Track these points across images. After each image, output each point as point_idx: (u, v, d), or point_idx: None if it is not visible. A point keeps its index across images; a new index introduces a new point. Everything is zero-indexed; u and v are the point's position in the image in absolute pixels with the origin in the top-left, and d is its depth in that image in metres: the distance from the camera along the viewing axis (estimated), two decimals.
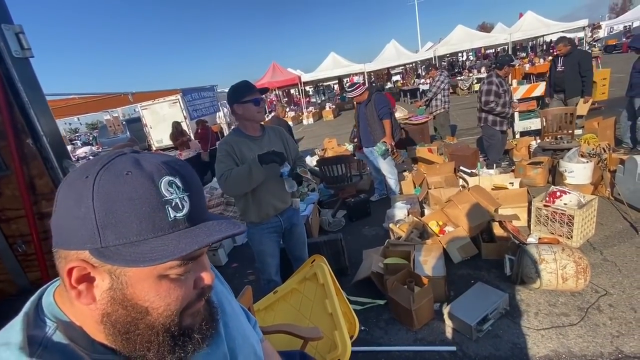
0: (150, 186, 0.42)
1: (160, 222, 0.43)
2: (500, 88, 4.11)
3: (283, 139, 2.12)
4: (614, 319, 2.02)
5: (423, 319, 2.22)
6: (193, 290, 0.49)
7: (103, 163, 0.43)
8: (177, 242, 0.43)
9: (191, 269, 0.48)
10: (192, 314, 0.49)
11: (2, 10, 1.23)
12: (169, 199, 0.43)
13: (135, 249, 0.41)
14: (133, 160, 0.44)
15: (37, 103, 1.28)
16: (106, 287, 0.43)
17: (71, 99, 5.59)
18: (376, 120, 3.93)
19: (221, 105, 9.95)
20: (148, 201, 0.42)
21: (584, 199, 2.84)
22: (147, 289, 0.44)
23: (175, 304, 0.46)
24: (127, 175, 0.42)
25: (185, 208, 0.45)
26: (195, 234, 0.44)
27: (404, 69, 25.53)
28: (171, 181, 0.44)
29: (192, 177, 0.48)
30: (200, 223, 0.46)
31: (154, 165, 0.44)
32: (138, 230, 0.41)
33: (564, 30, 16.55)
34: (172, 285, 0.46)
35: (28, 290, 1.59)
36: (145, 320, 0.45)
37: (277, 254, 2.21)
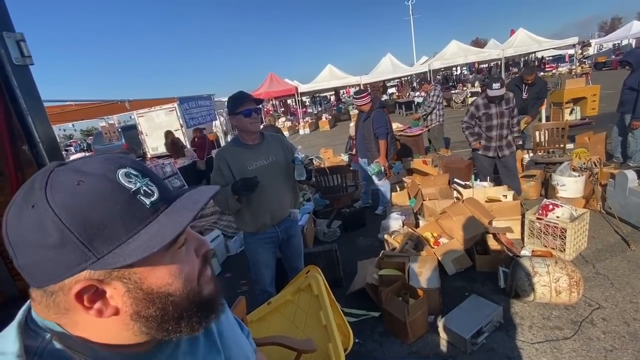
0: (109, 184, 0.40)
1: (141, 212, 0.42)
2: (480, 111, 3.73)
3: (283, 145, 2.12)
4: (607, 332, 2.03)
5: (417, 331, 2.21)
6: (197, 259, 0.50)
7: (42, 185, 0.39)
8: (168, 222, 0.42)
9: (186, 242, 0.48)
10: (207, 282, 0.50)
11: (4, 17, 1.24)
12: (135, 189, 0.42)
13: (132, 245, 0.40)
14: (72, 170, 0.41)
15: (35, 110, 1.28)
16: (123, 292, 0.42)
17: (67, 105, 5.57)
18: (372, 138, 3.95)
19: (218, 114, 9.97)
20: (117, 198, 0.40)
21: (576, 212, 2.88)
22: (161, 276, 0.44)
23: (190, 276, 0.47)
24: (80, 185, 0.39)
25: (155, 192, 0.44)
26: (178, 210, 0.44)
27: (399, 81, 25.92)
28: (127, 172, 0.42)
29: (139, 164, 0.46)
30: (176, 200, 0.46)
31: (98, 165, 0.42)
32: (125, 229, 0.40)
33: (554, 47, 17.04)
34: (180, 262, 0.46)
35: (16, 298, 1.55)
36: (172, 301, 0.45)
37: (273, 265, 2.19)
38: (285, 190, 2.08)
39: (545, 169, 4.24)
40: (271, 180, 1.99)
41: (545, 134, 4.79)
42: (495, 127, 3.70)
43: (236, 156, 1.96)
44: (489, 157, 3.84)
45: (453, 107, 14.93)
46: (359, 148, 4.24)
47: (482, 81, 19.16)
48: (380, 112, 4.03)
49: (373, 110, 3.98)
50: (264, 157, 1.99)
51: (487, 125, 3.74)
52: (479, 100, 3.79)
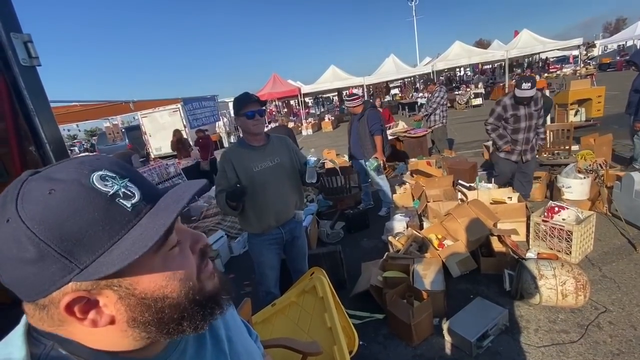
0: (84, 190, 0.38)
1: (122, 216, 0.39)
2: (507, 112, 3.42)
3: (288, 147, 2.12)
4: (614, 336, 2.01)
5: (422, 334, 2.20)
6: (194, 256, 0.48)
7: (13, 198, 0.37)
8: (152, 222, 0.40)
9: (179, 241, 0.46)
10: (208, 277, 0.49)
11: (12, 19, 1.25)
12: (112, 192, 0.39)
13: (116, 251, 0.38)
14: (44, 178, 0.38)
15: (42, 111, 1.28)
16: (115, 300, 0.41)
17: (72, 105, 5.61)
18: (367, 135, 4.03)
19: (221, 115, 10.00)
20: (94, 205, 0.38)
21: (582, 214, 2.85)
22: (153, 279, 0.42)
23: (187, 275, 0.45)
24: (51, 194, 0.37)
25: (136, 193, 0.41)
26: (163, 208, 0.42)
27: (402, 82, 25.89)
28: (102, 175, 0.40)
29: (117, 164, 0.43)
30: (159, 199, 0.44)
31: (71, 171, 0.39)
32: (107, 235, 0.38)
33: (559, 48, 16.96)
34: (173, 262, 0.44)
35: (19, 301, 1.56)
36: (169, 303, 0.43)
37: (277, 266, 2.18)
38: (290, 192, 2.07)
39: (550, 171, 4.21)
40: (276, 181, 1.99)
41: (550, 135, 4.76)
42: (522, 130, 3.40)
43: (241, 158, 1.96)
44: (511, 161, 3.56)
45: (457, 108, 14.88)
46: (354, 149, 4.27)
47: (486, 82, 19.13)
48: (374, 111, 4.17)
49: (366, 109, 4.08)
50: (269, 159, 1.99)
51: (514, 128, 3.43)
52: (505, 100, 3.45)
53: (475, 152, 6.86)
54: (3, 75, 1.24)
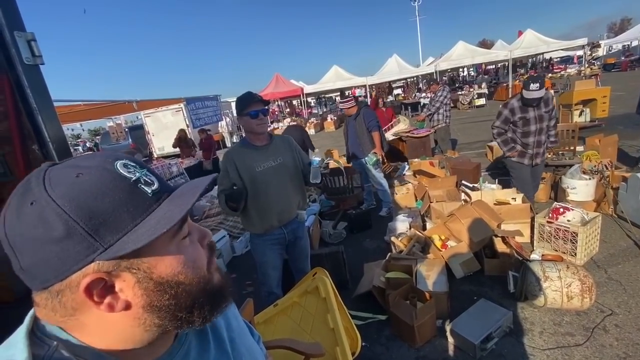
0: (110, 174, 0.40)
1: (144, 200, 0.41)
2: (515, 115, 3.20)
3: (291, 147, 2.11)
4: (620, 339, 1.98)
5: (425, 335, 2.18)
6: (203, 249, 0.50)
7: (39, 182, 0.38)
8: (172, 207, 0.42)
9: (190, 232, 0.48)
10: (215, 269, 0.51)
11: (16, 17, 1.25)
12: (135, 178, 0.42)
13: (140, 230, 0.40)
14: (70, 166, 0.40)
15: (45, 109, 1.28)
16: (133, 283, 0.41)
17: (75, 105, 5.62)
18: (365, 133, 4.07)
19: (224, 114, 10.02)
20: (119, 187, 0.40)
21: (588, 216, 2.83)
22: (170, 264, 0.44)
23: (200, 264, 0.47)
24: (79, 177, 0.39)
25: (155, 182, 0.44)
26: (180, 196, 0.44)
27: (405, 82, 25.83)
28: (125, 163, 0.42)
29: (136, 159, 0.46)
30: (174, 190, 0.46)
31: (96, 158, 0.42)
32: (130, 217, 0.40)
33: (563, 48, 16.86)
34: (188, 250, 0.46)
35: (26, 297, 1.56)
36: (183, 289, 0.44)
37: (280, 266, 2.17)
38: (293, 192, 2.06)
39: (555, 172, 4.18)
40: (279, 181, 1.98)
41: None
42: (533, 133, 3.17)
43: (244, 158, 1.95)
44: (524, 164, 3.34)
45: (460, 108, 14.82)
46: (354, 149, 4.28)
47: (490, 82, 19.05)
48: (369, 109, 4.28)
49: (361, 109, 4.15)
50: (272, 159, 1.98)
51: (523, 131, 3.20)
52: (513, 102, 3.22)
53: (479, 153, 6.82)
54: (6, 74, 1.24)
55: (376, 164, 4.05)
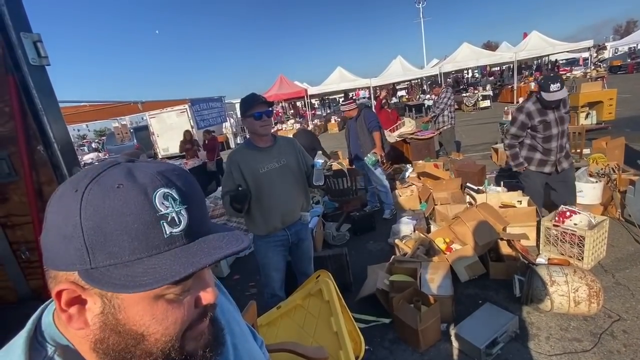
0: (143, 200, 0.39)
1: (155, 239, 0.39)
2: (534, 119, 2.91)
3: (295, 149, 2.11)
4: (628, 345, 1.95)
5: (429, 340, 2.16)
6: (194, 309, 0.45)
7: (93, 175, 0.40)
8: (172, 262, 0.39)
9: (191, 287, 0.44)
10: (195, 337, 0.45)
11: (22, 18, 1.25)
12: (164, 213, 0.40)
13: (127, 270, 0.38)
14: (126, 171, 0.41)
15: (50, 110, 1.28)
16: (98, 311, 0.40)
17: (81, 106, 5.67)
18: (366, 133, 4.09)
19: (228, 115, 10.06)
20: (141, 217, 0.38)
21: (595, 219, 2.79)
22: (141, 313, 0.40)
23: (174, 327, 0.42)
24: (119, 189, 0.39)
25: (183, 223, 0.41)
26: (192, 253, 0.40)
27: (409, 84, 25.77)
28: (167, 194, 0.40)
29: (191, 187, 0.44)
30: (200, 237, 0.43)
31: (148, 176, 0.41)
32: (130, 249, 0.38)
33: (568, 50, 16.73)
34: (169, 307, 0.42)
35: (29, 298, 1.56)
36: (142, 346, 0.41)
37: (283, 269, 2.17)
38: (297, 194, 2.06)
39: None
40: (282, 183, 1.98)
41: None
42: (555, 136, 2.90)
43: (248, 159, 1.95)
44: (544, 173, 3.06)
45: (464, 110, 14.76)
46: (355, 150, 4.29)
47: (494, 84, 18.94)
48: (370, 110, 4.30)
49: (361, 110, 4.18)
50: (276, 160, 1.98)
51: (545, 136, 2.93)
52: (529, 105, 2.94)
53: (484, 155, 6.78)
54: (12, 75, 1.25)
55: (375, 163, 4.07)
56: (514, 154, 3.14)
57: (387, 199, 4.29)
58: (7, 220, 1.50)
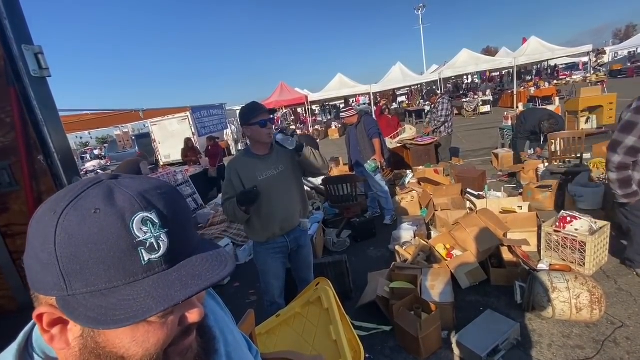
0: (120, 227, 0.38)
1: (132, 267, 0.38)
2: None
3: (292, 155, 2.10)
4: (631, 353, 1.93)
5: (430, 347, 2.14)
6: (178, 327, 0.44)
7: (72, 197, 0.39)
8: (146, 295, 0.38)
9: (175, 309, 0.43)
10: (180, 352, 0.45)
11: (23, 31, 1.28)
12: (142, 239, 0.39)
13: (102, 300, 0.37)
14: (106, 193, 0.39)
15: (51, 121, 1.30)
16: (77, 334, 0.40)
17: (84, 114, 5.72)
18: (366, 140, 4.13)
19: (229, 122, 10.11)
20: (117, 245, 0.37)
21: (596, 224, 2.77)
22: (121, 336, 0.40)
23: (155, 348, 0.42)
24: (95, 214, 0.37)
25: (162, 248, 0.40)
26: (170, 283, 0.39)
27: (409, 90, 25.88)
28: (145, 218, 0.39)
29: (174, 207, 0.43)
30: (181, 261, 0.42)
31: (128, 199, 0.39)
32: (107, 278, 0.38)
33: (568, 55, 16.80)
34: (150, 329, 0.41)
35: (29, 307, 1.57)
36: None
37: (282, 276, 2.16)
38: (295, 200, 2.07)
39: (561, 179, 4.12)
40: (280, 189, 1.99)
41: (560, 143, 4.68)
42: None
43: (247, 167, 1.98)
44: None
45: (464, 115, 14.80)
46: (356, 156, 4.31)
47: (494, 89, 19.01)
48: (370, 117, 4.36)
49: (362, 117, 4.22)
50: (274, 167, 1.99)
51: None
52: None
53: (484, 160, 6.78)
54: (14, 86, 1.26)
55: (375, 170, 4.09)
56: (624, 180, 2.23)
57: (387, 204, 4.30)
58: (8, 230, 1.52)
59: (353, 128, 4.28)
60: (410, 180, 5.20)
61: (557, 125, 4.95)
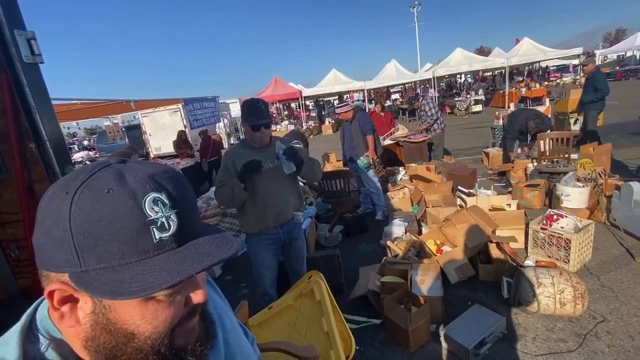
0: (132, 206, 0.39)
1: (144, 244, 0.40)
2: None
3: None
4: (611, 346, 2.00)
5: (419, 340, 2.19)
6: (184, 308, 0.46)
7: (84, 178, 0.40)
8: (160, 269, 0.39)
9: (181, 288, 0.44)
10: (184, 333, 0.46)
11: (16, 16, 1.25)
12: (153, 218, 0.40)
13: (116, 275, 0.39)
14: (116, 175, 0.41)
15: (43, 108, 1.28)
16: (89, 311, 0.41)
17: (73, 104, 5.59)
18: (360, 136, 4.14)
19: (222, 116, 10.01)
20: (130, 222, 0.39)
21: (581, 223, 2.85)
22: (132, 313, 0.41)
23: (163, 326, 0.43)
24: (109, 194, 0.39)
25: (172, 227, 0.41)
26: (181, 259, 0.41)
27: (403, 87, 25.96)
28: (157, 198, 0.41)
29: (182, 190, 0.44)
30: (190, 241, 0.43)
31: (139, 180, 0.41)
32: (120, 254, 0.39)
33: (559, 57, 17.05)
34: (159, 307, 0.43)
35: (18, 296, 1.55)
36: (132, 344, 0.42)
37: (274, 267, 2.18)
38: (289, 194, 2.08)
39: (549, 179, 4.21)
40: (275, 183, 2.00)
41: (549, 143, 4.77)
42: None
43: (243, 157, 1.98)
44: None
45: (457, 114, 14.93)
46: (350, 152, 4.32)
47: (486, 89, 19.19)
48: (364, 113, 4.35)
49: (356, 113, 4.22)
50: (270, 161, 2.00)
51: None
52: None
53: (475, 159, 6.88)
54: (6, 72, 1.24)
55: (368, 166, 4.12)
56: None
57: (379, 201, 4.33)
58: None
59: (348, 124, 4.29)
60: (402, 177, 5.25)
61: (543, 124, 5.05)
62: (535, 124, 4.99)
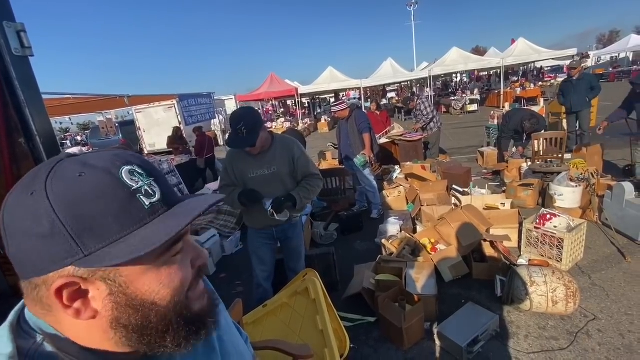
0: (111, 180, 0.39)
1: (138, 212, 0.40)
2: None
3: (291, 155, 2.04)
4: (602, 344, 2.03)
5: (413, 338, 2.20)
6: (191, 270, 0.47)
7: (46, 174, 0.38)
8: (165, 225, 0.40)
9: (183, 251, 0.46)
10: (198, 297, 0.48)
11: (5, 7, 1.22)
12: (136, 188, 0.40)
13: (123, 245, 0.38)
14: (79, 162, 0.40)
15: (33, 102, 1.25)
16: (105, 294, 0.40)
17: (65, 98, 5.51)
18: (356, 134, 4.13)
19: (217, 112, 9.94)
20: (116, 195, 0.39)
21: (573, 222, 2.88)
22: (149, 282, 0.42)
23: (180, 287, 0.44)
24: (81, 177, 0.38)
25: (157, 193, 0.42)
26: (178, 214, 0.43)
27: (399, 86, 25.99)
28: (131, 170, 0.41)
29: (149, 163, 0.45)
30: (175, 205, 0.45)
31: (105, 159, 0.41)
32: (118, 227, 0.39)
33: (553, 57, 17.18)
34: (172, 270, 0.44)
35: (7, 295, 1.52)
36: (156, 311, 0.43)
37: (269, 262, 2.23)
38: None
39: (543, 179, 4.25)
40: (270, 189, 2.00)
41: (543, 143, 4.81)
42: None
43: (240, 161, 2.02)
44: None
45: (452, 113, 15.00)
46: (346, 150, 4.33)
47: (482, 89, 19.31)
48: (361, 111, 4.35)
49: (353, 111, 4.22)
50: (267, 167, 2.00)
51: None
52: None
53: (469, 158, 6.92)
54: None
55: (364, 164, 4.11)
56: None
57: (375, 199, 4.34)
58: None
59: (344, 122, 4.28)
60: (397, 175, 5.26)
61: (538, 124, 5.09)
62: (530, 124, 5.03)
